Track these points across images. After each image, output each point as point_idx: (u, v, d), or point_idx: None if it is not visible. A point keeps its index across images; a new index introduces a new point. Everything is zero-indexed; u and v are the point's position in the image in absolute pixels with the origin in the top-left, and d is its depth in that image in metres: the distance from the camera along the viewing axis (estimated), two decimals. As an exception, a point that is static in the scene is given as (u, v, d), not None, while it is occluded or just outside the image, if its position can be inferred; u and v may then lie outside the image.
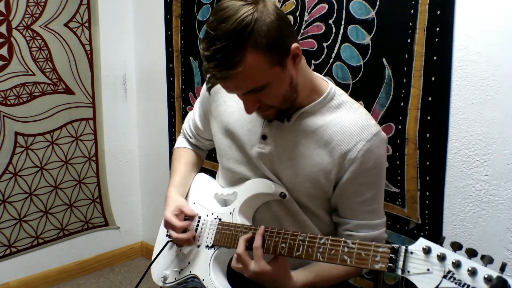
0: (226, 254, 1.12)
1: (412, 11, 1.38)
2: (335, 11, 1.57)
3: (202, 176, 1.32)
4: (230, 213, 1.12)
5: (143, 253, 2.71)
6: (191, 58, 2.18)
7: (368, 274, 1.57)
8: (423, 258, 0.77)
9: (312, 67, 1.64)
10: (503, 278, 0.68)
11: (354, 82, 1.56)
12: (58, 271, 2.39)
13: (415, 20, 1.38)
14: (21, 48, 2.10)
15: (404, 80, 1.43)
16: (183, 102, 2.27)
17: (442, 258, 0.75)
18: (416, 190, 1.45)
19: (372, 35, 1.49)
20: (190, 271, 1.14)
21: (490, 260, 0.71)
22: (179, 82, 2.27)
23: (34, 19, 2.12)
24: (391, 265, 0.81)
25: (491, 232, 1.32)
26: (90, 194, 2.46)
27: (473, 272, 0.71)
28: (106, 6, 2.35)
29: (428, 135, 1.40)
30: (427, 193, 1.42)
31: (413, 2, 1.38)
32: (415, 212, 1.46)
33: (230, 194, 1.16)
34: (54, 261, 2.37)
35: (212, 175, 1.33)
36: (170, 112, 2.36)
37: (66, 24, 2.23)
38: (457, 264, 0.73)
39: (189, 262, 1.16)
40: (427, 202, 1.42)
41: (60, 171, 2.32)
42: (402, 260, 0.79)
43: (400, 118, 1.45)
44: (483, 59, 1.28)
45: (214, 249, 1.11)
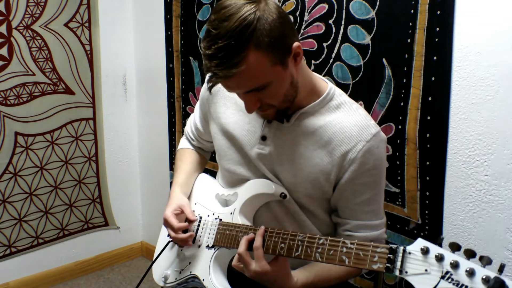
0: (226, 254, 1.12)
1: (412, 11, 1.38)
2: (335, 11, 1.57)
3: (204, 176, 1.33)
4: (231, 213, 1.12)
5: (143, 253, 2.71)
6: (191, 58, 2.18)
7: (368, 274, 1.57)
8: (421, 258, 0.77)
9: (312, 67, 1.64)
10: (501, 279, 0.68)
11: (354, 82, 1.56)
12: (58, 271, 2.39)
13: (415, 20, 1.38)
14: (21, 48, 2.10)
15: (404, 80, 1.43)
16: (183, 102, 2.27)
17: (440, 259, 0.75)
18: (416, 190, 1.45)
19: (372, 35, 1.49)
20: (191, 271, 1.14)
21: (488, 261, 0.71)
22: (179, 82, 2.27)
23: (34, 19, 2.12)
24: (389, 265, 0.81)
25: (491, 232, 1.32)
26: (90, 194, 2.46)
27: (471, 273, 0.71)
28: (106, 6, 2.35)
29: (428, 135, 1.40)
30: (427, 193, 1.42)
31: (413, 2, 1.38)
32: (415, 212, 1.46)
33: (231, 194, 1.16)
34: (54, 261, 2.37)
35: (213, 175, 1.33)
36: (170, 112, 2.36)
37: (66, 24, 2.23)
38: (455, 265, 0.73)
39: (189, 262, 1.16)
40: (427, 202, 1.42)
41: (60, 171, 2.32)
42: (400, 260, 0.79)
43: (400, 118, 1.45)
44: (483, 59, 1.28)
45: (214, 249, 1.11)
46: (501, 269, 0.70)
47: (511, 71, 1.24)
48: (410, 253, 0.79)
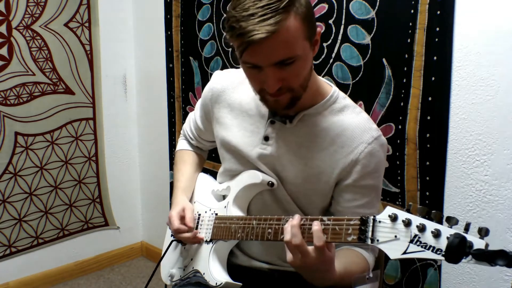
0: (224, 247, 1.15)
1: (412, 11, 1.38)
2: (335, 11, 1.57)
3: (202, 175, 1.34)
4: (225, 207, 1.15)
5: (143, 253, 2.71)
6: (191, 58, 2.18)
7: (368, 274, 1.57)
8: (390, 225, 0.78)
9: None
10: (460, 234, 0.69)
11: (354, 82, 1.56)
12: (58, 271, 2.39)
13: (415, 20, 1.38)
14: (21, 48, 2.10)
15: (404, 80, 1.43)
16: (183, 102, 2.27)
17: (407, 224, 0.75)
18: (416, 190, 1.45)
19: (372, 35, 1.49)
20: (193, 267, 1.18)
21: (455, 222, 0.72)
22: (179, 82, 2.27)
23: (34, 19, 2.12)
24: (361, 236, 0.82)
25: (491, 232, 1.31)
26: (90, 194, 2.46)
27: (437, 234, 0.72)
28: (106, 6, 2.35)
29: (428, 135, 1.40)
30: (427, 193, 1.42)
31: (413, 2, 1.38)
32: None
33: (225, 189, 1.19)
34: (54, 261, 2.37)
35: (213, 175, 1.33)
36: (170, 112, 2.36)
37: (66, 24, 2.23)
38: (422, 228, 0.73)
39: (191, 259, 1.19)
40: (427, 202, 1.42)
41: (60, 171, 2.32)
42: (370, 230, 0.80)
43: (400, 118, 1.45)
44: (483, 59, 1.28)
45: (212, 243, 1.14)
46: (466, 227, 0.72)
47: (511, 71, 1.24)
48: (380, 221, 0.80)
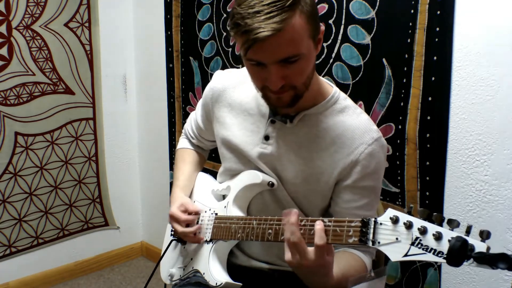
0: (224, 246, 1.15)
1: (412, 11, 1.38)
2: (335, 11, 1.57)
3: (201, 175, 1.34)
4: (225, 206, 1.15)
5: (143, 253, 2.71)
6: (191, 58, 2.18)
7: (368, 274, 1.57)
8: (391, 228, 0.77)
9: (312, 67, 1.64)
10: (462, 237, 0.69)
11: (354, 82, 1.56)
12: (58, 271, 2.39)
13: (415, 20, 1.38)
14: (21, 48, 2.10)
15: (404, 80, 1.43)
16: (183, 102, 2.27)
17: (409, 226, 0.75)
18: (416, 190, 1.45)
19: (372, 35, 1.49)
20: (193, 267, 1.18)
21: (457, 224, 0.72)
22: (179, 82, 2.27)
23: (34, 19, 2.12)
24: (362, 238, 0.81)
25: (491, 232, 1.31)
26: (90, 194, 2.46)
27: (438, 236, 0.71)
28: (106, 6, 2.35)
29: (428, 135, 1.40)
30: (427, 193, 1.42)
31: (413, 2, 1.38)
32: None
33: (225, 188, 1.19)
34: (54, 261, 2.37)
35: (213, 175, 1.33)
36: (170, 112, 2.36)
37: (66, 24, 2.23)
38: (423, 231, 0.73)
39: (191, 258, 1.19)
40: (427, 202, 1.42)
41: (60, 171, 2.32)
42: (372, 232, 0.80)
43: (400, 118, 1.45)
44: (483, 59, 1.28)
45: (212, 243, 1.14)
46: (468, 230, 0.71)
47: (511, 71, 1.24)
48: (381, 223, 0.79)
